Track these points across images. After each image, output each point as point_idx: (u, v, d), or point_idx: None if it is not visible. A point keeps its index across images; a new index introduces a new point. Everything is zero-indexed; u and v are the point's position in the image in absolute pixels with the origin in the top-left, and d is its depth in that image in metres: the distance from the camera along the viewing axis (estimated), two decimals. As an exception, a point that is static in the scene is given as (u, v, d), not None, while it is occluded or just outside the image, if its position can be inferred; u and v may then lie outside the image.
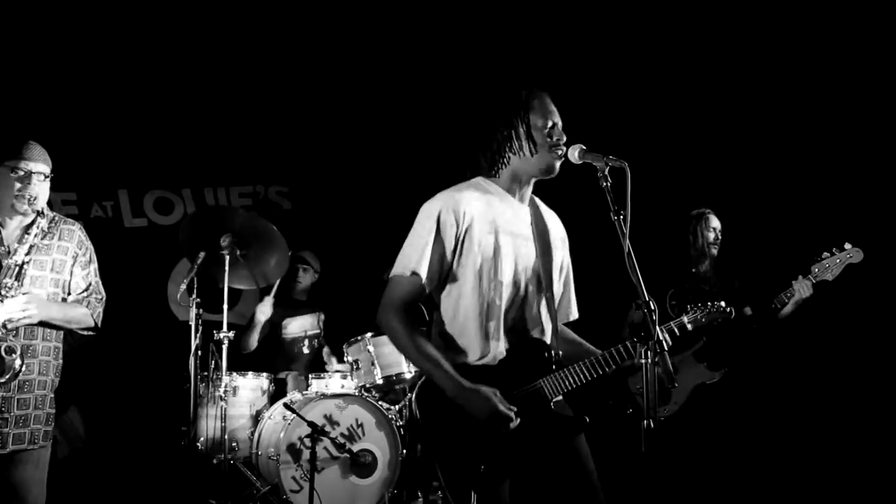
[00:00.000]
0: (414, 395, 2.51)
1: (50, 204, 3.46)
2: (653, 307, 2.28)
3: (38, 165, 3.20)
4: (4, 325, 3.05)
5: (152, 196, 6.33)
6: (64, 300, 3.29)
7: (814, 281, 4.25)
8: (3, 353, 3.03)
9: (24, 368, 3.12)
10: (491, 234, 2.55)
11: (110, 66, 5.91)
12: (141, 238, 6.22)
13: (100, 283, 3.39)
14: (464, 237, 2.53)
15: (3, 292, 3.07)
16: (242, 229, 4.89)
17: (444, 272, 2.54)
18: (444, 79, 6.09)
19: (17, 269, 3.10)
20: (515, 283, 2.57)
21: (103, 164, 6.10)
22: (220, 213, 5.01)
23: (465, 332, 2.53)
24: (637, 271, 2.32)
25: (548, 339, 2.64)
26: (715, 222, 4.71)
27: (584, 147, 2.56)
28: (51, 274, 3.23)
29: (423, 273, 2.50)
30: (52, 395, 3.28)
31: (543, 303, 2.64)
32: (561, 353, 2.65)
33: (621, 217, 2.36)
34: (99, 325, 3.37)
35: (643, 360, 2.28)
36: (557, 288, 2.72)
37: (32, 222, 3.22)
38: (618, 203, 2.38)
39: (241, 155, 6.35)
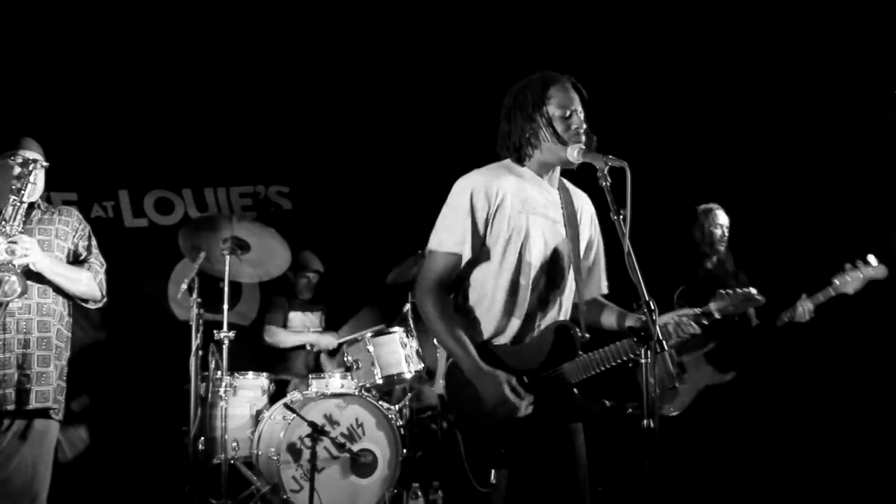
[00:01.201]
0: (444, 374, 2.56)
1: (50, 203, 3.54)
2: (653, 307, 2.28)
3: (35, 154, 3.42)
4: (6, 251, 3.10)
5: (153, 196, 6.33)
6: None
7: (833, 294, 4.14)
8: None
9: (38, 324, 3.22)
10: (522, 214, 2.59)
11: (110, 66, 5.90)
12: (141, 238, 6.22)
13: (100, 255, 3.52)
14: (495, 214, 2.57)
15: (6, 228, 3.16)
16: (242, 235, 4.90)
17: (477, 248, 2.57)
18: (443, 78, 6.09)
19: (18, 207, 3.20)
20: (542, 266, 2.61)
21: (103, 164, 6.10)
22: (220, 221, 4.99)
23: (490, 309, 2.58)
24: (637, 271, 2.32)
25: (562, 321, 2.66)
26: (722, 218, 4.61)
27: (584, 147, 2.58)
28: (56, 240, 3.38)
29: (464, 250, 2.54)
30: (64, 366, 3.35)
31: (569, 286, 2.69)
32: (587, 331, 2.65)
33: (621, 217, 2.37)
34: (104, 294, 3.46)
35: (643, 361, 2.29)
36: (584, 266, 2.76)
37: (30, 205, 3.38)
38: (618, 202, 2.38)
39: (241, 155, 6.34)
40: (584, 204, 2.80)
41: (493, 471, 2.45)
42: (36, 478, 3.18)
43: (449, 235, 2.55)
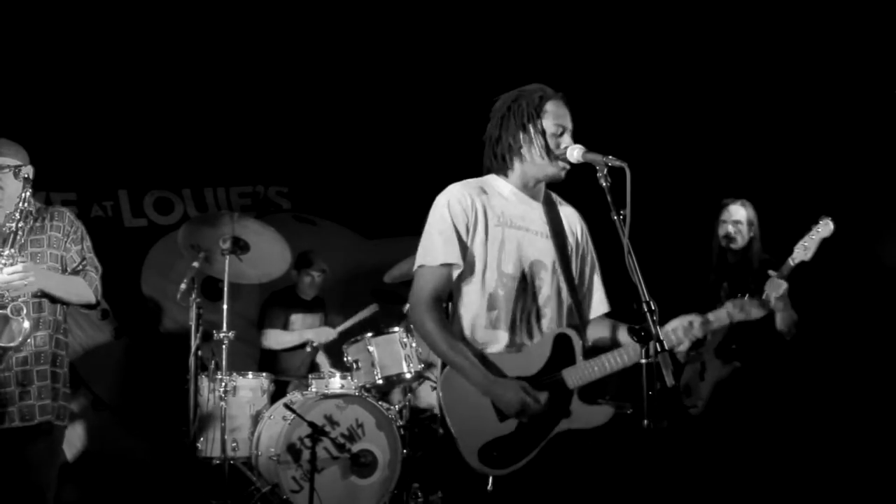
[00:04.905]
0: (439, 384, 2.56)
1: (49, 205, 3.51)
2: (653, 307, 2.29)
3: (9, 161, 3.28)
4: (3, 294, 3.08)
5: (152, 196, 6.33)
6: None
7: (792, 265, 3.82)
8: (10, 314, 3.06)
9: (35, 338, 3.21)
10: (499, 227, 2.62)
11: (110, 66, 5.90)
12: (141, 238, 6.22)
13: (94, 257, 3.48)
14: (474, 225, 2.60)
15: (2, 262, 3.12)
16: (243, 234, 4.90)
17: (463, 258, 2.59)
18: (441, 76, 6.09)
19: (13, 235, 3.16)
20: (523, 276, 2.62)
21: (103, 164, 6.10)
22: (219, 219, 4.98)
23: (476, 321, 2.60)
24: (637, 271, 2.33)
25: (561, 329, 2.66)
26: (735, 213, 4.35)
27: (585, 147, 2.59)
28: (49, 249, 3.33)
29: (456, 259, 2.57)
30: (66, 373, 3.35)
31: (557, 296, 2.68)
32: (591, 342, 2.70)
33: (621, 216, 2.37)
34: (99, 298, 3.44)
35: (643, 360, 2.30)
36: (581, 283, 2.77)
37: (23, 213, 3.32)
38: (617, 203, 2.39)
39: (241, 155, 6.35)
40: (571, 218, 2.81)
41: (490, 478, 2.46)
42: (45, 484, 3.20)
43: (438, 248, 2.56)
